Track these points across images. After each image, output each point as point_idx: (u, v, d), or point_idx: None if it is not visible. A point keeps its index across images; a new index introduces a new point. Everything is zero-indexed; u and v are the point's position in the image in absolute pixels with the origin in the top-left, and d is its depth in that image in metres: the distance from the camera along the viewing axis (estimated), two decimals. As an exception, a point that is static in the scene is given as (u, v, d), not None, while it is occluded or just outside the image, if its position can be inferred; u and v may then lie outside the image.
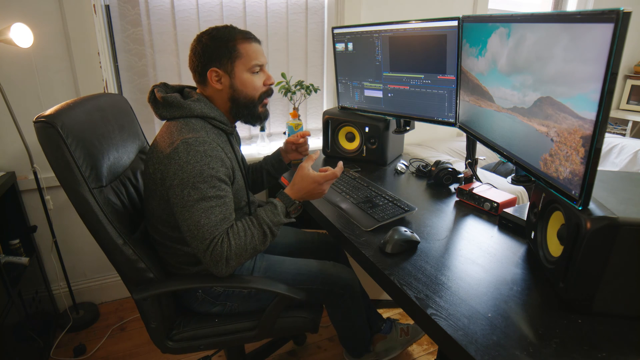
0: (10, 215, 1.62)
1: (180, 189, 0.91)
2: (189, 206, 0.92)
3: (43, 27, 1.53)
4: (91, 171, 0.97)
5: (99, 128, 1.08)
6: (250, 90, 1.06)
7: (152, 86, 1.06)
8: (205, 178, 0.92)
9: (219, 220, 0.93)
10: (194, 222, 0.92)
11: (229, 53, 1.02)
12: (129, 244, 1.00)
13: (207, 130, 1.00)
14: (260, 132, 1.98)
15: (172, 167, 0.92)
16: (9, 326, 1.31)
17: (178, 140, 0.93)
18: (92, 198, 0.95)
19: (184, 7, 1.75)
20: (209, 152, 0.93)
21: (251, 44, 1.04)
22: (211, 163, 0.93)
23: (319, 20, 2.03)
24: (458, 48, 1.30)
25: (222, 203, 0.95)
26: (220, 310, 1.13)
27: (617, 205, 0.73)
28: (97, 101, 1.14)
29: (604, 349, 0.67)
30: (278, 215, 0.99)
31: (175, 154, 0.91)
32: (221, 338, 1.12)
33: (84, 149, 0.96)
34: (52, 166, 0.93)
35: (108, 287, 1.96)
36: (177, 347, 1.10)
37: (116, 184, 1.10)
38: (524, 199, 1.58)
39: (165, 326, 1.09)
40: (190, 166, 0.91)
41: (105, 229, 0.97)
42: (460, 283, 0.85)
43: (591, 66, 0.70)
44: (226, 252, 0.92)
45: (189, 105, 1.01)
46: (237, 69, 1.03)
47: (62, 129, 0.91)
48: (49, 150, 0.91)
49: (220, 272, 0.95)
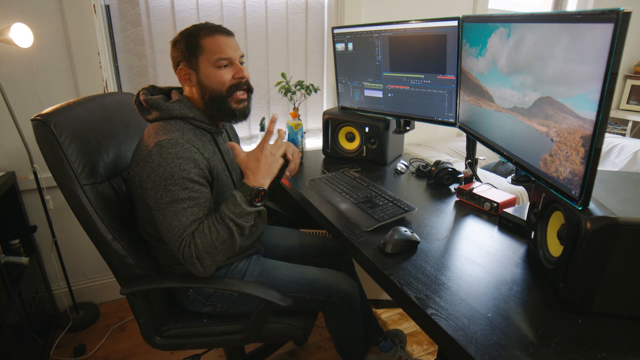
0: (10, 215, 1.62)
1: (154, 192, 0.92)
2: (162, 209, 0.93)
3: (43, 27, 1.53)
4: (84, 168, 0.99)
5: (100, 126, 1.10)
6: (215, 85, 1.02)
7: (140, 89, 1.06)
8: (176, 180, 0.92)
9: (189, 222, 0.93)
10: (167, 224, 0.93)
11: (192, 49, 1.01)
12: (118, 240, 1.01)
13: (184, 131, 0.99)
14: (261, 132, 1.98)
15: (146, 170, 0.93)
16: (9, 326, 1.31)
17: (152, 143, 0.94)
18: (83, 194, 0.98)
19: (184, 7, 1.75)
20: (180, 153, 0.93)
21: (215, 38, 1.01)
22: (182, 165, 0.93)
23: (319, 20, 2.03)
24: (458, 48, 1.30)
25: (195, 204, 0.94)
26: (211, 310, 1.13)
27: (617, 205, 0.73)
28: (102, 100, 1.17)
29: (604, 349, 0.67)
30: (239, 206, 0.94)
31: (149, 157, 0.92)
32: (208, 339, 1.12)
33: (78, 146, 0.99)
34: (47, 163, 0.96)
35: (108, 287, 1.96)
36: (165, 343, 1.11)
37: (117, 180, 1.12)
38: (524, 199, 1.58)
39: (154, 322, 1.10)
40: (162, 168, 0.91)
41: (95, 224, 0.99)
42: (460, 283, 0.85)
43: (591, 66, 0.70)
44: (195, 252, 0.92)
45: (168, 107, 1.01)
46: (201, 65, 1.02)
47: (55, 127, 0.94)
48: (44, 148, 0.95)
49: (198, 272, 0.95)
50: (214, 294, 1.12)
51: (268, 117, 2.07)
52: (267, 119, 2.08)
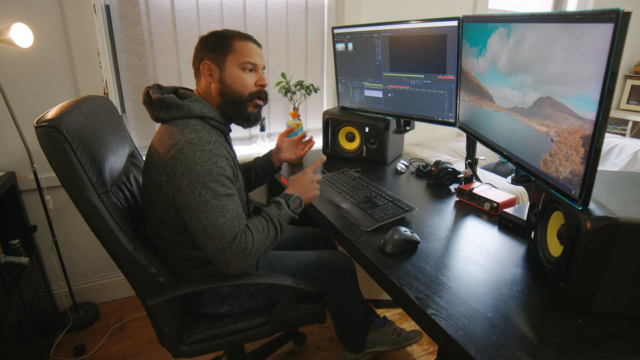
0: (10, 215, 1.62)
1: (191, 190, 0.89)
2: (202, 206, 0.90)
3: (43, 27, 1.53)
4: (97, 176, 0.94)
5: (98, 132, 1.04)
6: (238, 86, 1.05)
7: (146, 88, 1.04)
8: (215, 177, 0.91)
9: (234, 218, 0.93)
10: (210, 222, 0.90)
11: (222, 47, 1.04)
12: (140, 250, 0.98)
13: (208, 130, 1.00)
14: (260, 132, 1.98)
15: (179, 168, 0.89)
16: (9, 326, 1.31)
17: (182, 141, 0.91)
18: (101, 204, 0.92)
19: (184, 7, 1.75)
20: (214, 150, 0.92)
21: (247, 43, 1.06)
22: (219, 162, 0.92)
23: (319, 20, 2.03)
24: (458, 48, 1.30)
25: (233, 201, 0.95)
26: (229, 309, 1.14)
27: (617, 205, 0.73)
28: (89, 104, 1.09)
29: (604, 349, 0.67)
30: (284, 209, 1.04)
31: (182, 155, 0.90)
32: (234, 337, 1.12)
33: (88, 154, 0.93)
34: (56, 172, 0.89)
35: (108, 287, 1.96)
36: (191, 350, 1.08)
37: (114, 189, 1.06)
38: (524, 199, 1.58)
39: (178, 330, 1.08)
40: (199, 166, 0.90)
41: (115, 235, 0.94)
42: (460, 283, 0.85)
43: (591, 66, 0.70)
44: (249, 246, 0.93)
45: (188, 106, 1.00)
46: (227, 63, 1.04)
47: (67, 133, 0.87)
48: (52, 156, 0.87)
49: (239, 268, 0.94)
50: (231, 293, 1.12)
51: (268, 117, 2.08)
52: (267, 119, 2.08)
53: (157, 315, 1.02)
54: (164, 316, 1.02)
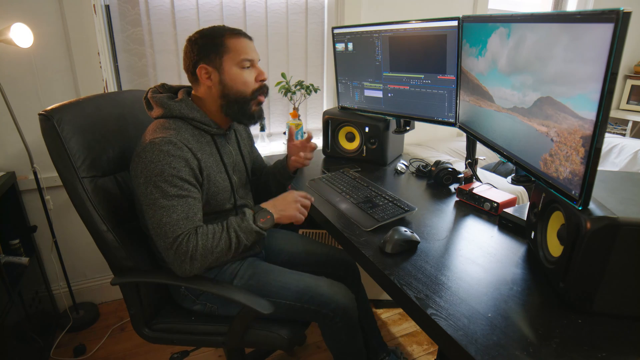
0: (10, 215, 1.62)
1: (145, 187, 0.94)
2: (151, 204, 0.94)
3: (43, 27, 1.53)
4: (84, 161, 1.04)
5: (109, 123, 1.15)
6: (240, 86, 1.04)
7: (152, 87, 1.09)
8: (166, 177, 0.93)
9: (180, 219, 0.94)
10: (157, 220, 0.93)
11: (217, 48, 1.02)
12: (112, 231, 1.04)
13: (181, 131, 1.00)
14: (260, 132, 1.99)
15: (139, 166, 0.95)
16: (9, 326, 1.31)
17: (147, 140, 0.96)
18: (80, 186, 1.02)
19: (184, 7, 1.75)
20: (172, 152, 0.94)
21: (240, 39, 1.04)
22: (173, 163, 0.94)
23: (319, 20, 2.03)
24: (458, 48, 1.30)
25: (184, 202, 0.95)
26: (201, 309, 1.14)
27: (617, 205, 0.73)
28: (116, 97, 1.24)
29: (604, 349, 0.67)
30: (247, 220, 0.99)
31: (143, 153, 0.94)
32: (193, 337, 1.12)
33: (81, 141, 1.04)
34: (50, 156, 1.01)
35: (108, 287, 1.96)
36: (153, 336, 1.12)
37: (123, 174, 1.16)
38: (524, 199, 1.58)
39: (144, 314, 1.12)
40: (153, 165, 0.93)
41: (90, 215, 1.03)
42: (460, 283, 0.85)
43: (591, 66, 0.70)
44: (191, 251, 0.93)
45: (169, 106, 1.03)
46: (225, 64, 1.02)
47: (57, 122, 1.00)
48: (47, 141, 1.00)
49: (184, 271, 0.95)
50: (205, 293, 1.12)
51: (268, 117, 2.08)
52: (267, 119, 2.08)
53: (125, 296, 1.10)
54: (130, 298, 1.09)
